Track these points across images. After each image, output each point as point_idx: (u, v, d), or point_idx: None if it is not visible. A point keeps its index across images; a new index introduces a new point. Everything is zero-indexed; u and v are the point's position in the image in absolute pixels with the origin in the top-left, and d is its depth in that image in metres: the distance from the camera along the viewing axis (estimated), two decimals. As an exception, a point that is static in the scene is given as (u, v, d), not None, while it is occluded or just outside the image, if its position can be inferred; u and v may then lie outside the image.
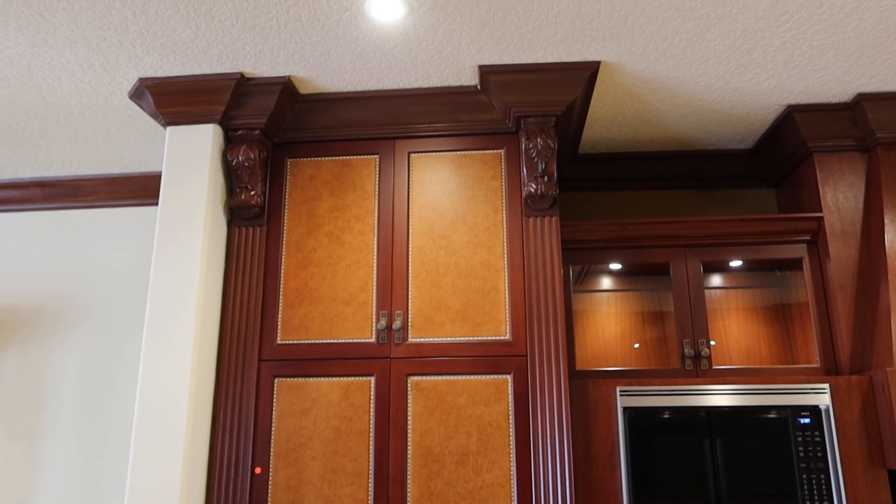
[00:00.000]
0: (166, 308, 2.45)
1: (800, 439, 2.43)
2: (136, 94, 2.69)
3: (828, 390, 2.48)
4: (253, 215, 2.66)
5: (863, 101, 2.77)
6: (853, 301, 2.70)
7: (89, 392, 3.19)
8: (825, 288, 2.78)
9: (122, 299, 3.31)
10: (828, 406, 2.46)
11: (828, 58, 2.51)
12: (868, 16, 2.28)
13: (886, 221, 2.68)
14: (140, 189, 3.43)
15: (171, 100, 2.63)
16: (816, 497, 2.38)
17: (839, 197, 2.83)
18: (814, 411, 2.46)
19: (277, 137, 2.77)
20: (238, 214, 2.67)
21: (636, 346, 3.08)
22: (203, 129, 2.64)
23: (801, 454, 2.42)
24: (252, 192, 2.63)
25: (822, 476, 2.40)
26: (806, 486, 2.40)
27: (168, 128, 2.66)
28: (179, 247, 2.52)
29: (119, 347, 3.24)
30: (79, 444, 3.13)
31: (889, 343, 2.48)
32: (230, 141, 2.70)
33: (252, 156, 2.63)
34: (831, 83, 2.68)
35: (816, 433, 2.44)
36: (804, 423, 2.44)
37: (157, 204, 3.42)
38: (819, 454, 2.42)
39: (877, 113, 2.78)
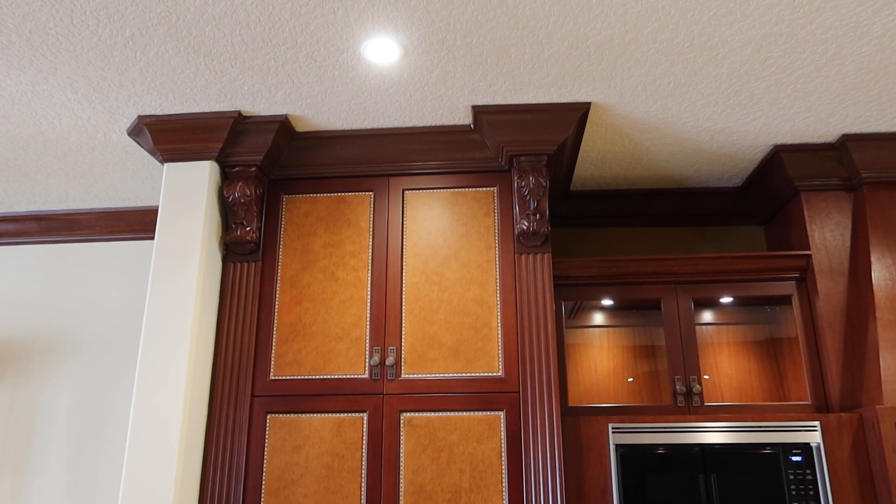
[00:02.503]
0: (160, 343, 2.46)
1: (791, 477, 2.44)
2: (135, 132, 2.73)
3: (818, 428, 2.49)
4: (248, 251, 2.69)
5: (848, 142, 2.83)
6: (842, 338, 2.73)
7: (81, 428, 3.17)
8: (814, 324, 2.81)
9: (116, 334, 3.30)
10: (819, 444, 2.47)
11: (812, 100, 2.58)
12: (849, 61, 2.35)
13: (873, 259, 2.72)
14: (136, 223, 3.45)
15: (170, 137, 2.67)
16: (809, 536, 2.38)
17: (826, 235, 2.88)
18: (805, 449, 2.47)
19: (273, 174, 2.80)
20: (233, 250, 2.70)
21: (630, 379, 3.09)
22: (200, 166, 2.67)
23: (794, 492, 2.42)
24: (247, 228, 2.66)
25: (815, 514, 2.40)
26: (798, 525, 2.39)
27: (165, 164, 2.69)
28: (174, 282, 2.53)
29: (112, 382, 3.23)
30: (68, 480, 3.10)
31: (878, 380, 2.50)
32: (227, 177, 2.73)
33: (248, 192, 2.67)
34: (816, 124, 2.75)
35: (808, 471, 2.44)
36: (796, 461, 2.45)
37: (152, 238, 3.44)
38: (811, 492, 2.42)
39: (861, 153, 2.84)
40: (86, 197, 3.34)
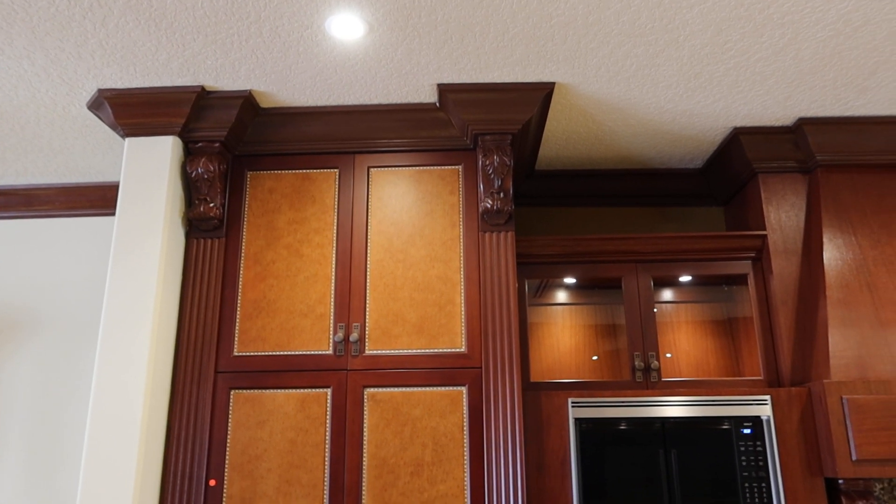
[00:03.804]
0: (121, 319, 2.44)
1: (742, 449, 2.53)
2: (95, 105, 2.68)
3: (769, 402, 2.58)
4: (212, 227, 2.67)
5: (804, 125, 2.91)
6: (794, 315, 2.82)
7: (41, 406, 3.15)
8: (768, 303, 2.90)
9: (77, 311, 3.27)
10: (769, 417, 2.57)
11: (770, 84, 2.64)
12: (805, 46, 2.41)
13: (825, 240, 2.81)
14: (97, 199, 3.40)
15: (131, 111, 2.63)
16: (758, 505, 2.48)
17: (782, 216, 2.96)
18: (756, 422, 2.56)
19: (237, 150, 2.79)
20: (196, 226, 2.68)
21: (594, 357, 3.16)
22: (162, 141, 2.64)
23: (744, 463, 2.51)
24: (211, 205, 2.65)
25: (763, 485, 2.49)
26: (748, 495, 2.49)
27: (127, 139, 2.66)
28: (136, 258, 2.51)
29: (74, 360, 3.20)
30: (29, 458, 3.08)
31: (826, 356, 2.59)
32: (190, 153, 2.71)
33: (212, 168, 2.65)
34: (774, 108, 2.81)
35: (758, 443, 2.54)
36: (746, 434, 2.54)
37: (114, 214, 3.39)
38: (760, 463, 2.51)
39: (816, 136, 2.91)
40: (45, 172, 3.28)
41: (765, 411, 2.57)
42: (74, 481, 3.04)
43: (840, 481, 2.52)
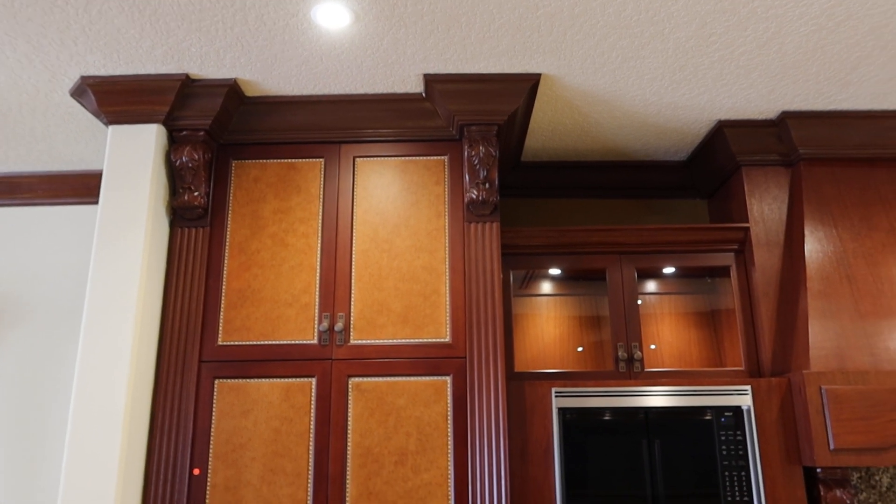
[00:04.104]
0: (105, 308, 2.43)
1: (723, 438, 2.56)
2: (78, 93, 2.66)
3: (749, 392, 2.62)
4: (196, 216, 2.66)
5: (787, 119, 2.93)
6: (775, 307, 2.85)
7: (24, 394, 3.13)
8: (750, 294, 2.93)
9: (60, 299, 3.25)
10: (749, 406, 2.60)
11: (754, 77, 2.66)
12: (789, 40, 2.42)
13: (806, 232, 2.84)
14: (80, 187, 3.38)
15: (114, 99, 2.61)
16: (738, 493, 2.51)
17: (764, 209, 2.99)
18: (736, 412, 2.59)
19: (222, 139, 2.77)
20: (181, 215, 2.67)
21: (580, 349, 3.18)
22: (146, 129, 2.63)
23: (724, 452, 2.55)
24: (195, 193, 2.63)
25: (743, 473, 2.53)
26: (727, 483, 2.52)
27: (110, 126, 2.63)
28: (120, 247, 2.50)
29: (57, 349, 3.18)
30: (12, 446, 3.06)
31: (806, 347, 2.63)
32: (174, 141, 2.69)
33: (196, 157, 2.64)
34: (758, 101, 2.83)
35: (738, 432, 2.57)
36: (727, 423, 2.57)
37: (97, 203, 3.37)
38: (740, 452, 2.55)
39: (799, 130, 2.94)
40: (27, 159, 3.25)
41: (745, 401, 2.60)
42: (58, 470, 3.02)
43: (818, 470, 2.56)
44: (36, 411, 3.10)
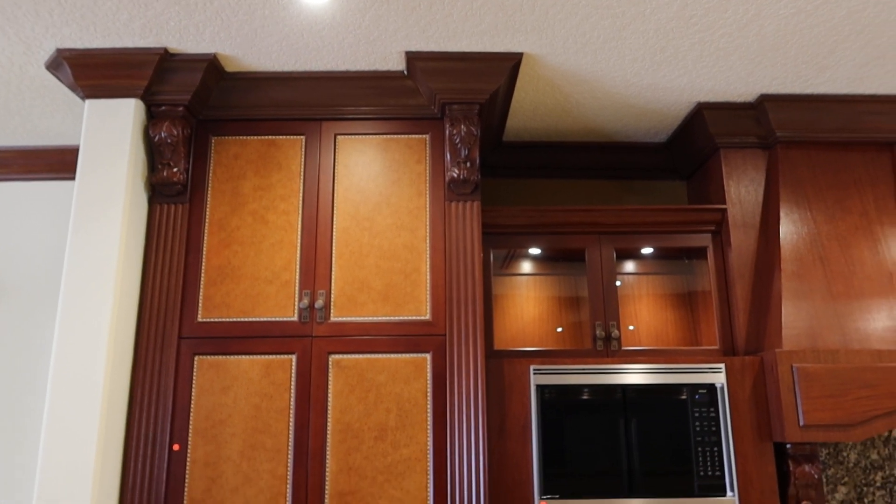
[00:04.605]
0: (82, 285, 2.42)
1: (696, 415, 2.61)
2: (54, 66, 2.61)
3: (723, 370, 2.67)
4: (175, 192, 2.64)
5: (765, 102, 2.96)
6: (750, 288, 2.90)
7: (6, 373, 3.10)
8: (726, 275, 2.98)
9: (36, 276, 3.21)
10: (723, 384, 2.65)
11: (733, 60, 2.68)
12: (768, 22, 2.45)
13: (782, 214, 2.88)
14: (56, 163, 3.33)
15: (91, 72, 2.57)
16: (710, 469, 2.57)
17: (741, 191, 3.03)
18: (710, 389, 2.65)
19: (202, 115, 2.75)
20: (160, 191, 2.65)
21: (559, 329, 3.22)
22: (124, 104, 2.59)
23: (698, 428, 2.60)
24: (174, 169, 2.61)
25: (715, 448, 2.59)
26: (700, 459, 2.58)
27: (87, 101, 2.60)
28: (98, 223, 2.48)
29: (34, 326, 3.15)
30: (-12, 423, 3.04)
31: (779, 326, 2.68)
32: (152, 116, 2.66)
33: (175, 132, 2.61)
34: (737, 84, 2.86)
35: (712, 409, 2.62)
36: (700, 401, 2.63)
37: (73, 179, 3.33)
38: (713, 428, 2.61)
39: (777, 113, 2.98)
40: (1, 134, 3.19)
41: (719, 379, 2.66)
42: (36, 447, 3.01)
43: (788, 446, 2.63)
44: (12, 389, 3.08)
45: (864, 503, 2.97)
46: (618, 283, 2.95)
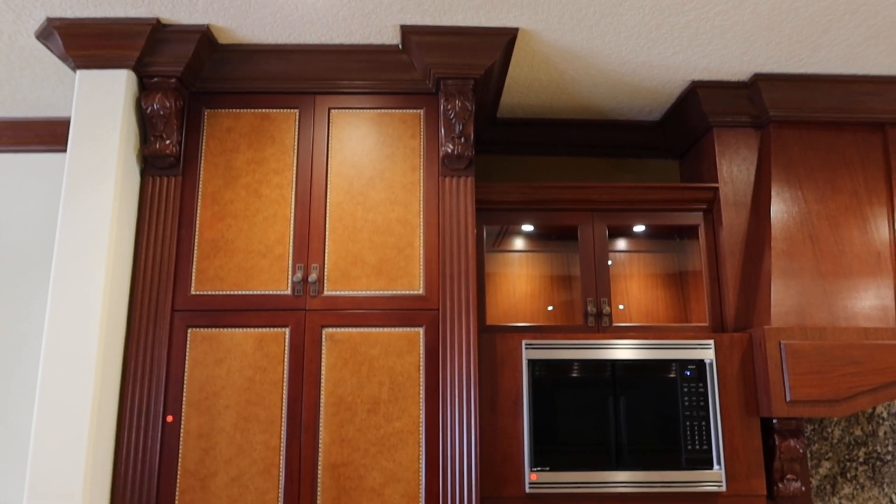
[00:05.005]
0: (75, 257, 2.41)
1: (685, 390, 2.65)
2: (44, 35, 2.58)
3: (712, 346, 2.70)
4: (168, 165, 2.63)
5: (759, 81, 2.97)
6: (740, 266, 2.93)
7: (-9, 343, 3.10)
8: (717, 253, 3.00)
9: (27, 248, 3.20)
10: (712, 360, 2.69)
11: (728, 38, 2.68)
12: (763, 1, 2.44)
13: (773, 193, 2.90)
14: (46, 135, 3.30)
15: (82, 42, 2.54)
16: (697, 443, 2.61)
17: (734, 169, 3.04)
18: (699, 365, 2.68)
19: (195, 87, 2.72)
20: (152, 164, 2.63)
21: (550, 308, 3.24)
22: (116, 75, 2.57)
23: (686, 403, 2.64)
24: (167, 142, 2.60)
25: (703, 423, 2.63)
26: (688, 434, 2.62)
27: (78, 71, 2.57)
28: (90, 195, 2.47)
29: (25, 299, 3.14)
30: (-21, 395, 3.04)
31: (768, 304, 2.72)
32: (144, 88, 2.64)
33: (168, 104, 2.59)
34: (731, 62, 2.86)
35: (700, 385, 2.66)
36: (690, 376, 2.66)
37: (64, 151, 3.30)
38: (702, 403, 2.64)
39: (771, 92, 2.98)
40: (-9, 104, 3.16)
41: (708, 355, 2.69)
42: (29, 419, 3.02)
43: (774, 421, 2.67)
44: (3, 363, 3.08)
45: (847, 478, 3.03)
46: (609, 263, 2.97)
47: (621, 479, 2.57)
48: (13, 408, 3.03)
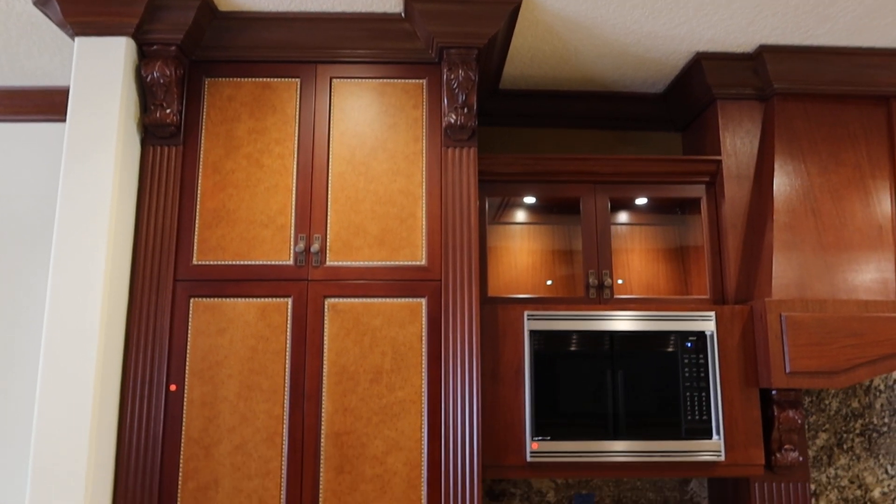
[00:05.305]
0: (76, 227, 2.40)
1: (686, 361, 2.67)
2: (42, 1, 2.54)
3: (713, 318, 2.72)
4: (168, 134, 2.61)
5: (764, 53, 2.94)
6: (742, 239, 2.93)
7: (-8, 313, 3.10)
8: (719, 226, 3.00)
9: (25, 219, 3.18)
10: (713, 332, 2.70)
11: (734, 8, 2.65)
12: (772, -32, 2.42)
13: (776, 166, 2.90)
14: (44, 104, 3.27)
15: (80, 8, 2.51)
16: (697, 414, 2.64)
17: (737, 142, 3.03)
18: (700, 336, 2.70)
19: (195, 55, 2.69)
20: (153, 133, 2.61)
21: (549, 282, 3.24)
22: (115, 42, 2.54)
23: (686, 375, 2.66)
24: (167, 111, 2.57)
25: (703, 394, 2.65)
26: (688, 404, 2.64)
27: (77, 38, 2.54)
28: (90, 164, 2.45)
29: (23, 271, 3.14)
30: (-18, 365, 3.05)
31: (769, 276, 2.72)
32: (144, 56, 2.61)
33: (168, 72, 2.56)
34: (736, 33, 2.83)
35: (701, 356, 2.68)
36: (690, 348, 2.67)
37: (62, 121, 3.27)
38: (702, 375, 2.66)
39: (775, 64, 2.96)
40: (-13, 72, 3.12)
41: (709, 327, 2.70)
42: (32, 390, 3.03)
43: (773, 392, 2.69)
44: (5, 333, 3.08)
45: (843, 449, 3.07)
46: (610, 231, 2.97)
47: (621, 449, 2.60)
48: (13, 381, 3.04)
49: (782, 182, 2.88)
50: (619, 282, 3.25)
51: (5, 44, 2.88)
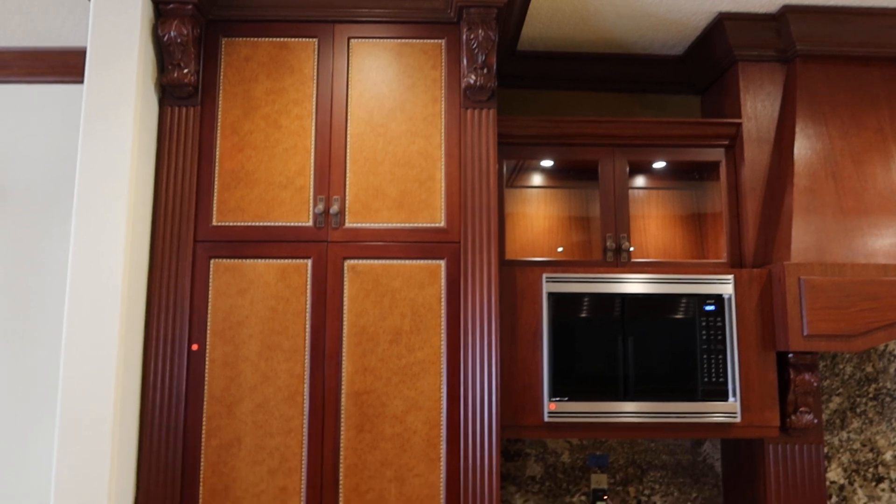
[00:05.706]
0: (96, 189, 2.40)
1: (703, 324, 2.67)
2: (56, -42, 2.51)
3: (731, 281, 2.72)
4: (186, 94, 2.59)
5: (787, 13, 2.90)
6: (761, 202, 2.92)
7: (9, 281, 3.12)
8: (738, 189, 2.98)
9: (42, 182, 3.18)
10: (730, 295, 2.70)
11: (760, -35, 2.60)
12: (800, -76, 2.36)
13: (797, 130, 2.87)
14: (60, 65, 3.24)
15: (96, -34, 2.48)
16: (714, 375, 2.65)
17: (758, 105, 3.00)
18: (718, 299, 2.70)
19: (211, 14, 2.67)
20: (170, 93, 2.60)
21: (559, 249, 3.24)
22: (131, 1, 2.51)
23: (704, 337, 2.67)
24: (185, 70, 2.56)
25: (720, 356, 2.66)
26: (705, 366, 2.66)
27: (92, -3, 2.51)
28: (109, 125, 2.44)
29: (42, 232, 3.15)
30: (4, 333, 3.08)
31: (788, 240, 2.71)
32: (161, 15, 2.58)
33: (185, 32, 2.54)
34: (760, -8, 2.79)
35: (718, 319, 2.68)
36: (708, 310, 2.68)
37: (77, 82, 3.25)
38: (719, 337, 2.67)
39: (799, 25, 2.91)
40: (2, 34, 3.10)
41: (727, 290, 2.70)
42: (48, 354, 3.06)
43: (790, 355, 2.70)
44: (22, 298, 3.11)
45: (857, 413, 3.09)
46: (628, 195, 2.96)
47: (638, 410, 2.62)
48: (35, 345, 3.08)
49: (803, 146, 2.85)
50: (631, 249, 3.25)
51: (19, 4, 2.85)
